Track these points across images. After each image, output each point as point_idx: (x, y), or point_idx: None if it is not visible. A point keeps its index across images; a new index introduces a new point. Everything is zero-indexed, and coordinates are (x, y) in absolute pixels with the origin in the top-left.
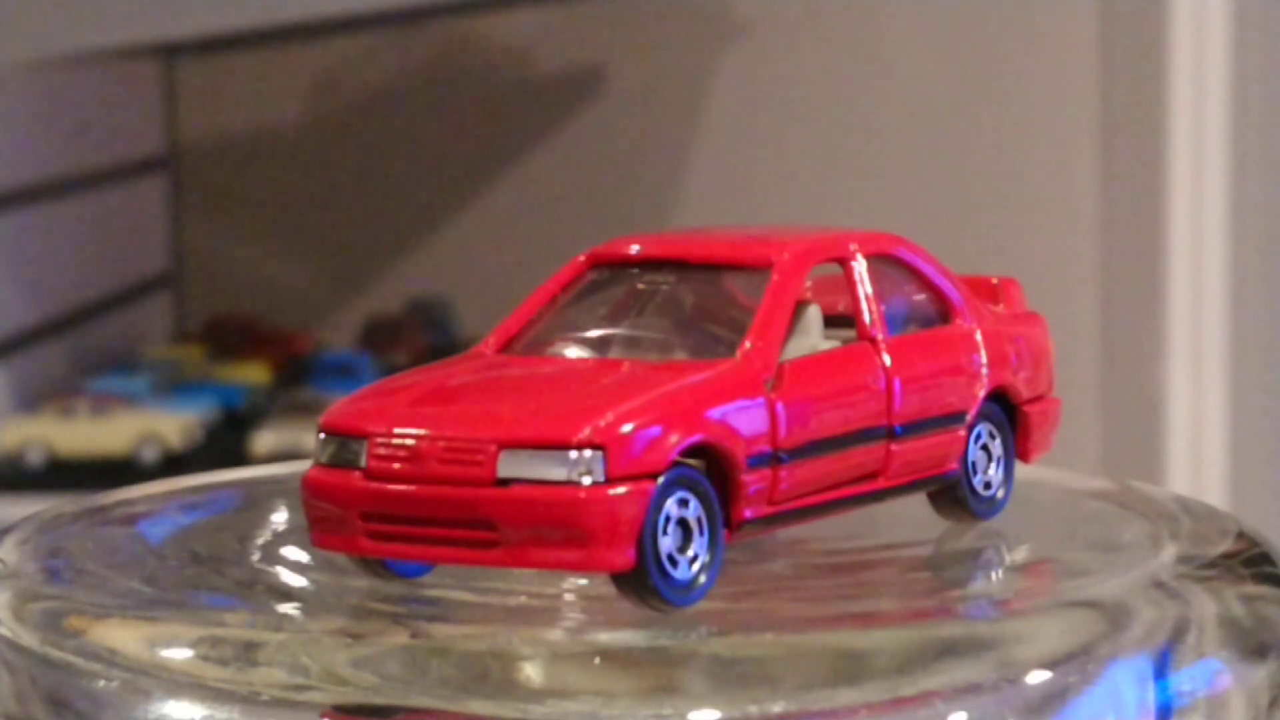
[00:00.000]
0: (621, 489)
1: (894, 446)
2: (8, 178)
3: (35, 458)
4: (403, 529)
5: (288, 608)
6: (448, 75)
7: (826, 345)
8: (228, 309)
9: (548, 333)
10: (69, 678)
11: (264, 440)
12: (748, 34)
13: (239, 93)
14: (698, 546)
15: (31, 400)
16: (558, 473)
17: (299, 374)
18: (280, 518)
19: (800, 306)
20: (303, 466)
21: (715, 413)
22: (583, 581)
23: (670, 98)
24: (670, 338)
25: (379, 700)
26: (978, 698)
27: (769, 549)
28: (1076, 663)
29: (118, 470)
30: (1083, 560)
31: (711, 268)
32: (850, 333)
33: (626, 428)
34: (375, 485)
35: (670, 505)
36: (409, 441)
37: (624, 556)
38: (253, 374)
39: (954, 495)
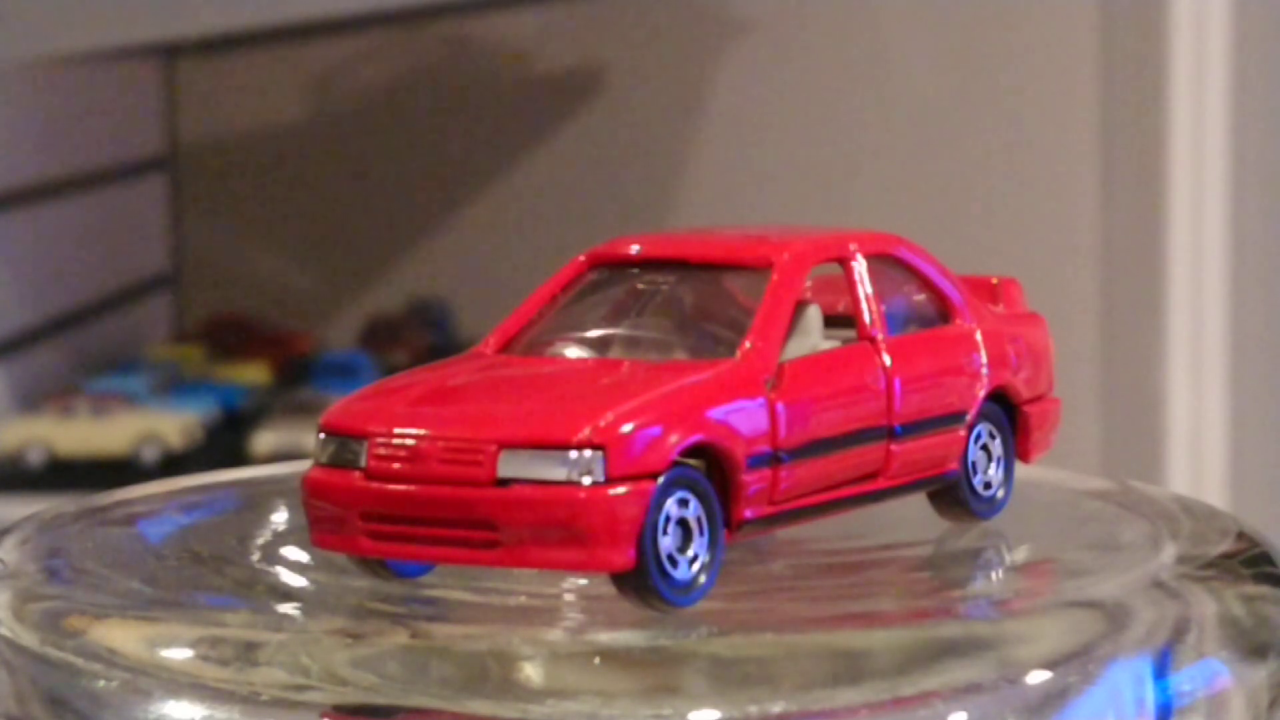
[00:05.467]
0: (621, 489)
1: (894, 446)
2: (8, 178)
3: (35, 458)
4: (403, 529)
5: (288, 608)
6: (448, 75)
7: (826, 345)
8: (228, 309)
9: (548, 333)
10: (69, 678)
11: (264, 440)
12: (747, 34)
13: (239, 93)
14: (698, 546)
15: (31, 400)
16: (558, 473)
17: (299, 374)
18: (280, 518)
19: (800, 306)
20: (303, 466)
21: (715, 413)
22: (583, 581)
23: (670, 98)
24: (670, 338)
25: (379, 700)
26: (978, 698)
27: (769, 549)
28: (1076, 663)
29: (118, 470)
30: (1083, 560)
31: (711, 268)
32: (850, 333)
33: (626, 428)
34: (375, 485)
35: (670, 505)
36: (409, 441)
37: (624, 556)
38: (253, 374)
39: (954, 495)
